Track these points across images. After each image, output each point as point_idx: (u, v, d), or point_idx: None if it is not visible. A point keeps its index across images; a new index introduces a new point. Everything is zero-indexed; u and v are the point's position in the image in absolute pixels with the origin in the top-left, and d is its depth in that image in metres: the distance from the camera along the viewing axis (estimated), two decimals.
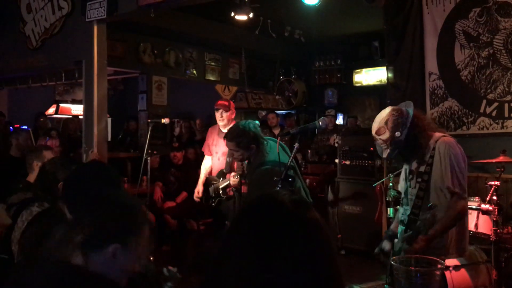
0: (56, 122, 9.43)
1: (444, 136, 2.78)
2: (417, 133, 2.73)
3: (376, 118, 2.82)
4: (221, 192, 4.71)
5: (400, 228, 2.87)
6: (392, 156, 2.78)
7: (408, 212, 2.78)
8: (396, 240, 2.77)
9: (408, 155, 2.83)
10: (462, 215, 2.70)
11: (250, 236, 1.01)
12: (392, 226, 3.01)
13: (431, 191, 2.70)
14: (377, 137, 2.77)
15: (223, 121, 4.81)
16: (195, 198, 4.99)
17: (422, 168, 2.77)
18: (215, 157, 4.93)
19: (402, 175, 3.01)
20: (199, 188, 4.97)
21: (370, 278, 4.65)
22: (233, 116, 4.90)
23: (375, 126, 2.79)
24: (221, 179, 4.76)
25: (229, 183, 4.60)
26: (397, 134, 2.68)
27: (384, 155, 2.81)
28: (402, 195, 2.95)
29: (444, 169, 2.65)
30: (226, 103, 4.87)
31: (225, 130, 4.74)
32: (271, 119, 8.19)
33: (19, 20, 6.14)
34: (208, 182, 4.95)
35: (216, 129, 5.00)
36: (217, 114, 4.83)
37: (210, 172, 4.98)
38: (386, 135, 2.72)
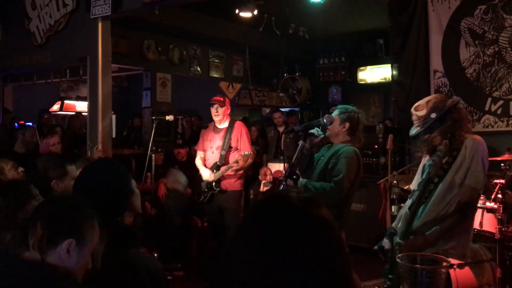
0: (61, 118, 9.46)
1: (474, 134, 2.80)
2: (454, 123, 2.73)
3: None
4: (214, 184, 4.82)
5: (402, 225, 2.84)
6: (417, 133, 2.80)
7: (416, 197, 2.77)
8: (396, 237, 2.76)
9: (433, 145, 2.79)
10: (468, 206, 2.68)
11: (257, 234, 1.01)
12: (394, 224, 2.98)
13: (444, 182, 2.71)
14: (414, 112, 2.81)
15: (218, 116, 4.89)
16: (209, 180, 4.92)
17: (443, 160, 2.75)
18: (209, 151, 5.04)
19: (419, 171, 2.99)
20: (205, 175, 4.94)
21: (373, 276, 4.65)
22: (228, 112, 5.00)
23: (417, 103, 2.84)
24: (215, 171, 4.86)
25: (223, 175, 4.77)
26: (433, 115, 2.71)
27: (412, 131, 2.84)
28: (414, 187, 2.92)
29: (466, 165, 2.65)
30: (221, 98, 4.97)
31: (220, 126, 4.98)
32: (277, 118, 8.19)
33: (24, 16, 6.16)
34: (200, 178, 5.04)
35: (211, 126, 5.11)
36: (212, 110, 4.92)
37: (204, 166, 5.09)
38: (422, 112, 2.75)
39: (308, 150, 3.48)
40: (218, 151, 4.91)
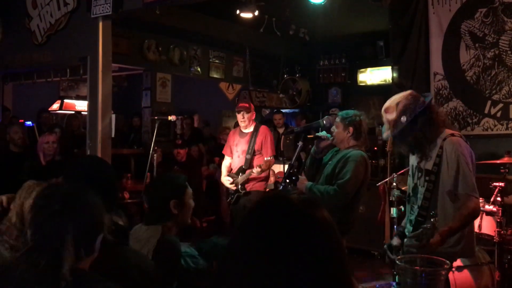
0: (60, 118, 9.45)
1: (452, 135, 2.65)
2: (426, 124, 2.62)
3: (393, 96, 2.75)
4: (240, 187, 5.01)
5: (408, 228, 2.79)
6: (389, 138, 2.74)
7: (416, 212, 2.70)
8: (406, 239, 2.69)
9: (412, 145, 2.71)
10: (476, 215, 2.63)
11: (257, 234, 1.01)
12: (403, 223, 2.94)
13: (438, 193, 2.62)
14: (384, 114, 2.71)
15: (245, 122, 5.09)
16: (229, 184, 5.13)
17: (428, 166, 2.67)
18: (235, 155, 5.23)
19: (410, 172, 2.93)
20: (226, 182, 5.17)
21: (372, 278, 4.66)
22: (253, 117, 5.19)
23: (387, 103, 2.72)
24: (241, 174, 5.04)
25: (248, 178, 4.96)
26: (403, 119, 2.59)
27: (384, 135, 2.75)
28: (409, 192, 2.85)
29: (452, 172, 2.54)
30: (247, 105, 5.16)
31: (245, 131, 5.19)
32: (278, 119, 8.20)
33: (24, 15, 6.15)
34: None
35: (237, 131, 5.31)
36: (239, 116, 5.11)
37: (230, 170, 5.28)
38: (392, 116, 2.64)
39: (317, 153, 3.48)
40: (244, 155, 5.10)
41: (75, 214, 1.53)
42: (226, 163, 5.36)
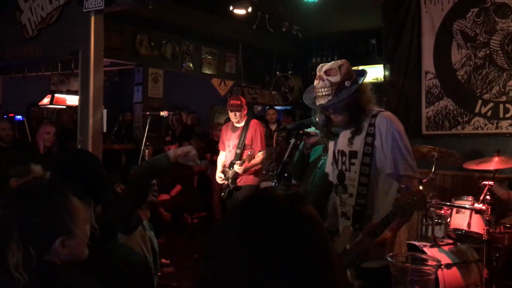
0: (50, 112, 9.38)
1: (382, 110, 2.39)
2: (361, 97, 2.37)
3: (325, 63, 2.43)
4: (230, 181, 5.05)
5: (343, 223, 2.47)
6: (331, 103, 2.33)
7: (350, 202, 2.40)
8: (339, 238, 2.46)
9: (349, 118, 2.42)
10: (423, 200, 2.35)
11: (242, 230, 1.00)
12: (328, 224, 2.64)
13: (376, 177, 2.33)
14: (325, 77, 2.32)
15: (237, 118, 5.14)
16: (220, 181, 5.21)
17: (354, 147, 2.40)
18: (227, 150, 5.26)
19: (330, 158, 2.66)
20: (219, 175, 5.25)
21: None
22: (245, 112, 5.20)
23: (325, 66, 2.36)
24: (231, 169, 5.10)
25: (236, 172, 4.99)
26: (347, 83, 2.29)
27: (323, 101, 2.34)
28: (335, 181, 2.55)
29: (389, 152, 2.28)
30: (238, 102, 5.12)
31: (237, 125, 5.23)
32: (271, 114, 8.21)
33: (15, 8, 6.09)
34: (224, 174, 5.29)
35: (230, 126, 5.35)
36: (231, 114, 5.15)
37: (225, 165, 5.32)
38: (336, 78, 2.30)
39: (307, 150, 3.47)
40: (235, 149, 5.14)
41: (24, 210, 1.45)
42: (221, 157, 5.39)
